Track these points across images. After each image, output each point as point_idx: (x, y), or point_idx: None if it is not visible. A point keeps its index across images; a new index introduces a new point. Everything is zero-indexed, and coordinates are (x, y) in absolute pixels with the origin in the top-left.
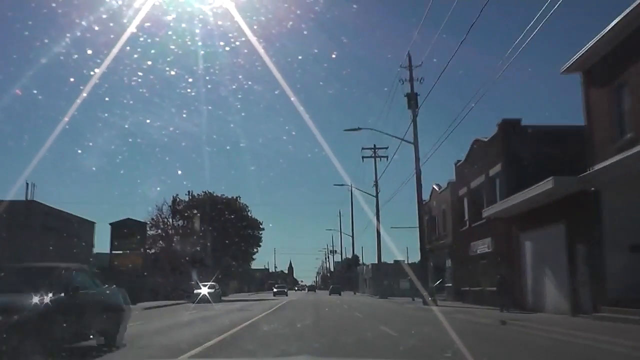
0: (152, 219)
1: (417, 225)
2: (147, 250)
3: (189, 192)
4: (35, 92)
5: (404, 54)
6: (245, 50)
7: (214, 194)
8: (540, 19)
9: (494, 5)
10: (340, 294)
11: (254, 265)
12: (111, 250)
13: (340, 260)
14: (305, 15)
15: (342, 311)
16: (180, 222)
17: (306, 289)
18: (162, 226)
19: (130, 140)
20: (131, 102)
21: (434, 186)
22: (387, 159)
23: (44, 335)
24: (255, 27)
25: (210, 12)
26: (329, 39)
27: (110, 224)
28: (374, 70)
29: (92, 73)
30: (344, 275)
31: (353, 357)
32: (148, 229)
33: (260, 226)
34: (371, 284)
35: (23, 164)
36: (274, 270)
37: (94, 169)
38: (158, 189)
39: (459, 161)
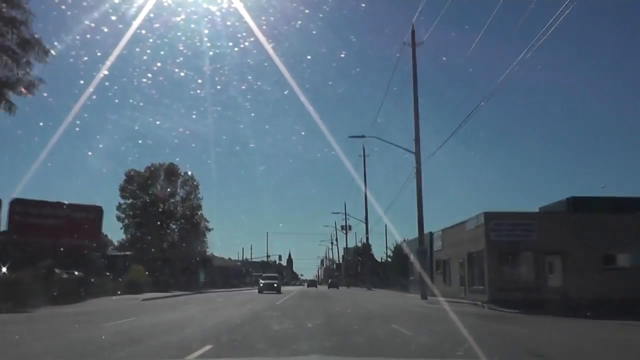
0: None
1: None
2: None
3: None
4: (45, 94)
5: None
6: (254, 51)
7: None
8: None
9: (507, 4)
10: (337, 288)
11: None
12: None
13: (364, 236)
14: (314, 15)
15: None
16: None
17: (306, 284)
18: None
19: (140, 141)
20: (141, 103)
21: None
22: None
23: None
24: (264, 27)
25: (219, 12)
26: (338, 38)
27: None
28: (383, 69)
29: (101, 75)
30: (361, 264)
31: (364, 357)
32: None
33: None
34: (495, 269)
35: (32, 165)
36: (266, 260)
37: (104, 170)
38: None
39: None
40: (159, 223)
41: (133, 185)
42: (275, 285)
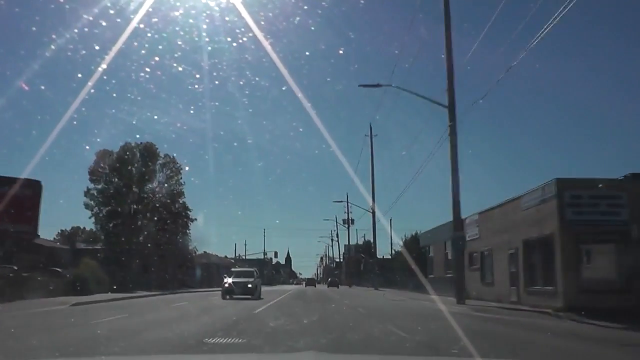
0: None
1: None
2: None
3: None
4: (42, 87)
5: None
6: (253, 46)
7: None
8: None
9: (508, 4)
10: (338, 287)
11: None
12: None
13: (367, 232)
14: (312, 11)
15: None
16: None
17: (304, 282)
18: None
19: (137, 136)
20: (139, 98)
21: None
22: None
23: None
24: (262, 23)
25: (217, 7)
26: (336, 35)
27: None
28: (382, 66)
29: (99, 69)
30: (364, 262)
31: (359, 354)
32: None
33: None
34: (573, 262)
35: (30, 160)
36: (262, 257)
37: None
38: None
39: None
40: (132, 212)
41: (105, 167)
42: (250, 285)
